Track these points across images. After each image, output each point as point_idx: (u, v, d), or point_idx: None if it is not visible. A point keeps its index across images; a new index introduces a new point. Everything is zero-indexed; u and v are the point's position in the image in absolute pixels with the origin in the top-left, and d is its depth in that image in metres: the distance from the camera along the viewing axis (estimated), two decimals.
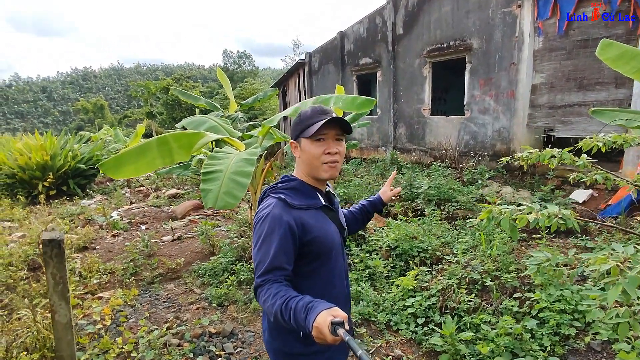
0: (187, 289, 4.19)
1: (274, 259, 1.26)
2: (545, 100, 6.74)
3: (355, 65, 11.63)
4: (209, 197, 2.74)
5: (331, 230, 1.40)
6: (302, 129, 1.34)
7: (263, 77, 61.68)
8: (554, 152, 1.30)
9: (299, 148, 1.38)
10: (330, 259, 1.40)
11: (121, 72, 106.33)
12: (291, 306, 1.15)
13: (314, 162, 1.34)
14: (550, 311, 2.64)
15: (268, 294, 1.24)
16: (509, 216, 1.13)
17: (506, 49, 7.24)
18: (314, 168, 1.36)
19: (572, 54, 6.25)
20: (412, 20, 9.39)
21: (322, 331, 1.02)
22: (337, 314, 1.05)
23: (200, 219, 6.94)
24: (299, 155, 1.38)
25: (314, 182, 1.42)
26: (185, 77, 34.25)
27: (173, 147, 3.31)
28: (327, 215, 1.43)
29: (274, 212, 1.30)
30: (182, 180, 11.55)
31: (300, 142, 1.36)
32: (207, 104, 6.64)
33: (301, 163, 1.40)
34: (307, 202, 1.37)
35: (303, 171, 1.41)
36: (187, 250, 5.27)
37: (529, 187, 6.42)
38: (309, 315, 1.08)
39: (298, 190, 1.39)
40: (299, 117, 1.37)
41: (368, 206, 1.77)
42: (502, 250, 3.45)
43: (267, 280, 1.27)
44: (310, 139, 1.32)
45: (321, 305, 1.09)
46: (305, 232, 1.31)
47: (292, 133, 1.40)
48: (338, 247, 1.44)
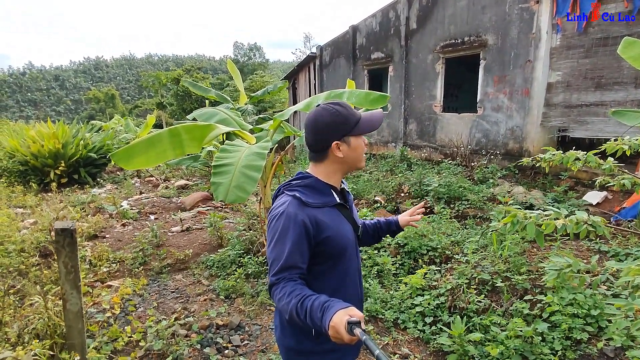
0: (195, 280, 4.22)
1: (289, 257, 1.26)
2: (560, 99, 6.60)
3: (367, 59, 11.52)
4: (219, 191, 2.73)
5: (345, 229, 1.39)
6: (352, 126, 1.34)
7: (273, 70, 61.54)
8: (578, 155, 1.26)
9: (346, 147, 1.35)
10: (345, 258, 1.39)
11: (132, 62, 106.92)
12: (307, 305, 1.15)
13: (361, 155, 1.38)
14: (562, 315, 2.59)
15: (283, 292, 1.23)
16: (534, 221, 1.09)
17: (522, 46, 7.09)
18: (358, 161, 1.39)
19: (591, 52, 6.10)
20: (426, 14, 9.25)
21: (338, 331, 1.02)
22: (353, 313, 1.04)
23: (209, 211, 6.97)
24: (344, 155, 1.35)
25: (336, 180, 1.41)
26: (196, 68, 34.29)
27: (184, 138, 3.30)
28: (341, 213, 1.41)
29: (289, 210, 1.29)
30: (191, 171, 11.61)
31: (349, 140, 1.35)
32: (216, 96, 6.62)
33: (339, 162, 1.37)
34: (322, 200, 1.35)
35: (335, 169, 1.39)
36: (195, 241, 5.30)
37: (541, 188, 6.32)
38: (325, 314, 1.08)
39: (313, 188, 1.37)
40: (340, 115, 1.34)
41: (383, 224, 1.74)
42: (513, 251, 3.40)
43: (282, 278, 1.27)
44: (359, 135, 1.35)
45: (338, 304, 1.09)
46: (319, 230, 1.30)
47: (334, 134, 1.34)
48: (352, 246, 1.42)
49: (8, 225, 5.29)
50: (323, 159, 1.38)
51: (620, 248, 3.61)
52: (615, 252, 3.50)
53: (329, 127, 1.34)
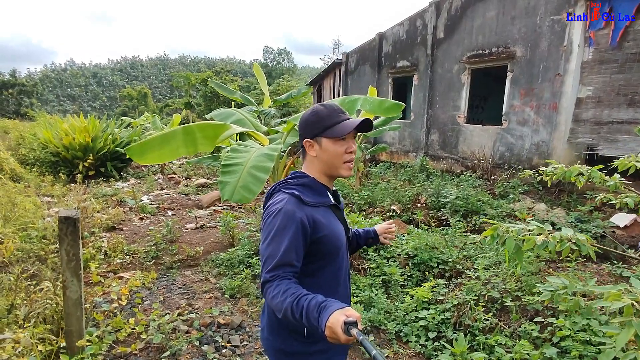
0: (203, 278, 4.26)
1: (284, 255, 1.25)
2: (590, 115, 6.33)
3: (392, 67, 11.45)
4: (226, 190, 2.76)
5: (339, 230, 1.41)
6: (323, 128, 1.33)
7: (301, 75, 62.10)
8: (582, 170, 1.18)
9: (317, 147, 1.36)
10: (337, 257, 1.41)
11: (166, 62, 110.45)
12: (303, 304, 1.14)
13: (335, 161, 1.35)
14: (573, 340, 2.45)
15: (277, 290, 1.22)
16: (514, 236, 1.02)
17: (552, 59, 6.86)
18: (334, 167, 1.37)
19: (625, 67, 5.83)
20: (454, 24, 9.12)
21: (335, 331, 1.02)
22: (350, 313, 1.04)
23: (225, 210, 7.06)
24: (316, 154, 1.37)
25: (325, 180, 1.42)
26: (225, 70, 35.05)
27: (197, 137, 3.37)
28: (335, 214, 1.44)
29: (287, 207, 1.29)
30: (212, 170, 11.82)
31: (320, 141, 1.35)
32: (241, 98, 6.73)
33: (316, 161, 1.39)
34: (319, 200, 1.37)
35: (317, 169, 1.40)
36: (207, 239, 5.36)
37: (565, 206, 6.06)
38: (322, 314, 1.08)
39: (310, 187, 1.38)
40: (316, 115, 1.36)
41: (362, 233, 1.73)
42: (527, 270, 3.26)
43: (276, 276, 1.25)
44: (332, 139, 1.33)
45: (334, 304, 1.09)
46: (316, 229, 1.31)
47: (307, 131, 1.37)
48: (344, 246, 1.45)
49: (33, 213, 5.53)
50: (305, 157, 1.43)
51: None
52: (639, 277, 3.29)
53: (304, 124, 1.38)
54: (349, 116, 1.39)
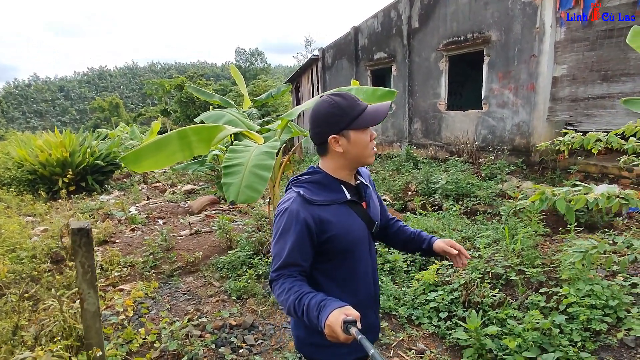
0: (206, 282, 4.22)
1: (289, 255, 1.26)
2: (567, 92, 6.56)
3: (370, 60, 11.53)
4: (230, 191, 2.74)
5: (355, 227, 1.34)
6: (350, 119, 1.26)
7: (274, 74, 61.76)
8: (599, 136, 1.24)
9: (344, 141, 1.28)
10: (352, 256, 1.35)
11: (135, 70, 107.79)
12: (304, 303, 1.16)
13: (364, 151, 1.29)
14: (579, 306, 2.56)
15: (282, 288, 1.24)
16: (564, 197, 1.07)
17: (526, 41, 7.07)
18: (363, 157, 1.31)
19: (596, 44, 6.06)
20: (428, 13, 9.25)
21: (334, 330, 1.03)
22: (349, 312, 1.05)
23: (217, 214, 6.98)
24: (344, 150, 1.28)
25: (345, 175, 1.36)
26: (199, 75, 34.53)
27: (192, 140, 3.32)
28: (353, 210, 1.35)
29: (292, 207, 1.28)
30: (197, 176, 11.65)
31: (348, 134, 1.27)
32: (221, 101, 6.66)
33: (341, 157, 1.31)
34: (329, 197, 1.31)
35: (340, 164, 1.33)
36: (204, 244, 5.31)
37: (550, 182, 6.27)
38: (322, 313, 1.09)
39: (321, 184, 1.33)
40: (338, 107, 1.27)
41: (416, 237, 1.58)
42: (526, 244, 3.37)
43: (282, 275, 1.27)
44: (360, 129, 1.26)
45: (334, 303, 1.10)
46: (323, 229, 1.27)
47: (331, 126, 1.28)
48: (363, 243, 1.38)
49: (19, 233, 5.34)
50: (325, 153, 1.34)
51: (635, 239, 3.57)
52: (629, 242, 3.45)
53: (326, 120, 1.28)
54: (364, 102, 1.32)
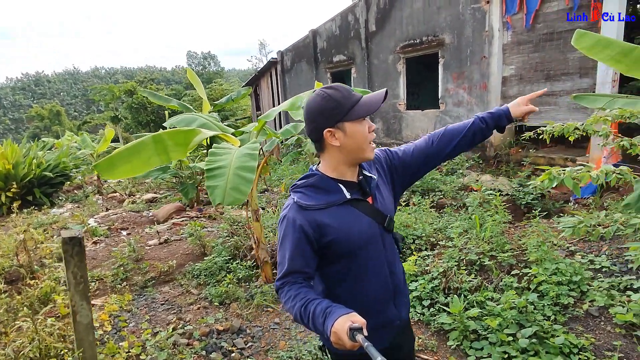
0: (184, 291, 4.11)
1: (291, 263, 1.26)
2: (515, 91, 7.09)
3: (329, 62, 11.72)
4: (216, 194, 2.71)
5: (361, 226, 1.28)
6: (345, 111, 1.21)
7: (229, 78, 60.69)
8: (577, 125, 1.41)
9: (341, 134, 1.23)
10: (359, 256, 1.30)
11: (77, 76, 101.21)
12: (310, 310, 1.15)
13: (362, 144, 1.25)
14: (548, 284, 2.81)
15: (288, 295, 1.24)
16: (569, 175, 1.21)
17: (477, 44, 7.55)
18: (361, 151, 1.26)
19: (539, 46, 6.61)
20: (384, 17, 9.59)
21: (340, 337, 1.02)
22: (355, 319, 1.03)
23: (185, 222, 6.78)
24: (340, 143, 1.24)
25: (343, 172, 1.30)
26: (149, 79, 33.17)
27: (169, 144, 3.23)
28: (356, 209, 1.29)
29: (289, 215, 1.27)
30: (157, 184, 11.20)
31: (344, 127, 1.22)
32: (178, 105, 6.49)
33: (338, 151, 1.26)
34: (326, 200, 1.26)
35: (338, 160, 1.28)
36: (176, 252, 5.15)
37: (505, 175, 6.74)
38: (327, 320, 1.08)
39: (316, 187, 1.29)
40: (331, 100, 1.21)
41: (487, 119, 1.43)
42: (495, 231, 3.63)
43: (286, 282, 1.28)
44: (356, 120, 1.22)
45: (339, 310, 1.09)
46: (322, 234, 1.24)
47: (326, 120, 1.23)
48: (374, 240, 1.31)
49: None
50: (323, 150, 1.30)
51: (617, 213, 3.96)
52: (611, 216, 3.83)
53: (320, 114, 1.23)
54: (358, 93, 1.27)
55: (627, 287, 2.70)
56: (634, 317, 2.33)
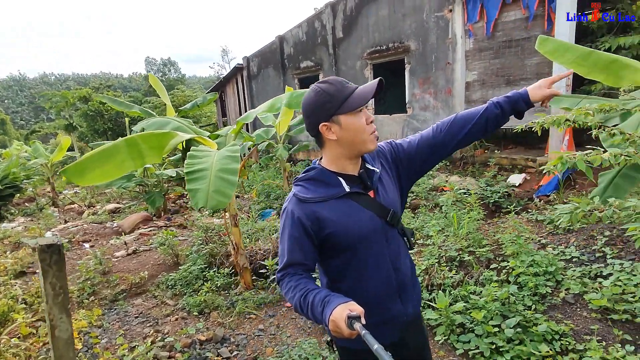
0: (159, 302, 3.92)
1: (290, 255, 1.27)
2: (478, 95, 7.42)
3: (297, 68, 11.75)
4: (198, 197, 2.61)
5: (360, 220, 1.26)
6: (339, 103, 1.19)
7: (190, 85, 59.24)
8: (568, 117, 1.49)
9: (336, 127, 1.22)
10: (362, 250, 1.28)
11: (24, 83, 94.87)
12: (309, 299, 1.16)
13: (361, 136, 1.23)
14: (525, 275, 2.93)
15: (288, 286, 1.25)
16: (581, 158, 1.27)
17: (441, 50, 7.85)
18: (361, 143, 1.24)
19: (499, 53, 6.98)
20: (351, 23, 9.76)
21: (338, 325, 1.02)
22: (353, 308, 1.04)
23: (152, 231, 6.50)
24: (337, 137, 1.22)
25: (344, 166, 1.29)
26: (105, 86, 31.72)
27: (143, 148, 3.10)
28: (357, 202, 1.27)
29: (288, 207, 1.29)
30: (118, 193, 10.68)
31: (339, 120, 1.21)
32: (141, 112, 6.23)
33: (337, 145, 1.25)
34: (325, 193, 1.26)
35: (337, 154, 1.27)
36: (147, 263, 4.91)
37: (472, 175, 7.01)
38: (326, 308, 1.09)
39: (317, 180, 1.29)
40: (325, 93, 1.21)
41: (503, 103, 1.35)
42: (471, 228, 3.75)
43: (287, 274, 1.28)
44: (351, 112, 1.20)
45: (337, 299, 1.09)
46: (320, 227, 1.24)
47: (321, 114, 1.22)
48: (376, 235, 1.29)
49: None
50: (322, 145, 1.29)
51: (551, 214, 4.18)
52: (550, 218, 4.04)
53: (315, 109, 1.23)
54: (354, 85, 1.25)
55: (597, 275, 2.87)
56: (607, 302, 2.48)
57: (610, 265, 2.88)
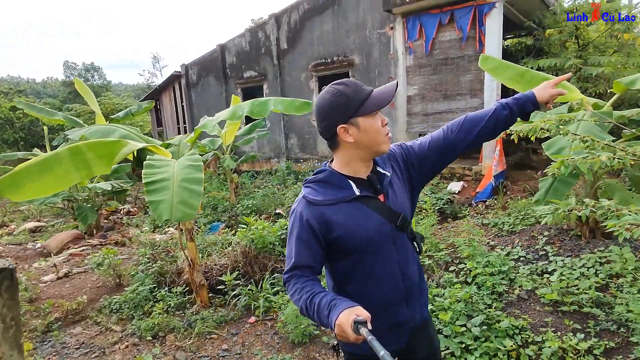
0: (103, 329, 3.52)
1: (297, 257, 1.26)
2: (419, 109, 7.88)
3: (240, 78, 11.54)
4: (161, 209, 2.41)
5: (366, 225, 1.25)
6: (357, 106, 1.20)
7: (115, 92, 55.29)
8: (541, 125, 1.63)
9: (354, 130, 1.22)
10: (371, 254, 1.28)
11: None
12: (315, 302, 1.15)
13: (378, 137, 1.23)
14: (483, 275, 3.12)
15: (294, 288, 1.24)
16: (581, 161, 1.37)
17: (384, 65, 8.24)
18: (376, 144, 1.24)
19: (437, 70, 7.50)
20: (295, 36, 9.85)
21: (344, 329, 1.01)
22: (359, 312, 1.03)
23: (85, 251, 5.87)
24: (354, 139, 1.22)
25: (356, 169, 1.29)
26: (16, 90, 28.40)
27: (89, 157, 2.81)
28: (366, 206, 1.27)
29: (297, 209, 1.29)
30: (38, 210, 9.50)
31: (357, 122, 1.21)
32: (65, 119, 5.70)
33: (353, 147, 1.25)
34: (335, 196, 1.26)
35: (351, 156, 1.27)
36: (83, 287, 4.41)
37: None
38: (332, 313, 1.08)
39: (327, 183, 1.29)
40: (343, 95, 1.21)
41: (512, 105, 1.36)
42: (428, 233, 3.92)
43: (293, 275, 1.28)
44: (368, 115, 1.21)
45: (344, 303, 1.08)
46: (328, 230, 1.24)
47: (338, 116, 1.22)
48: (384, 239, 1.28)
49: None
50: (337, 147, 1.29)
51: (494, 218, 4.54)
52: (494, 222, 4.38)
53: (332, 111, 1.23)
54: (368, 87, 1.26)
55: (544, 271, 3.15)
56: (557, 295, 2.72)
57: (553, 262, 3.18)
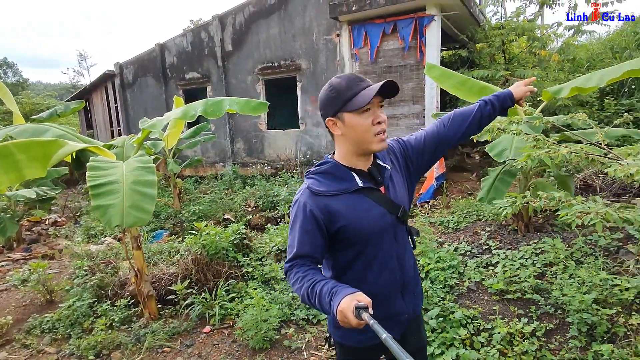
0: (33, 352, 3.15)
1: (299, 246, 1.28)
2: None
3: (181, 79, 11.06)
4: (111, 214, 2.22)
5: (371, 215, 1.28)
6: (343, 102, 1.22)
7: (34, 91, 50.06)
8: (498, 125, 1.77)
9: (340, 124, 1.25)
10: (372, 245, 1.30)
11: None
12: (317, 290, 1.17)
13: (364, 135, 1.24)
14: (435, 270, 3.29)
15: (296, 277, 1.26)
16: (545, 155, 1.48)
17: (331, 70, 8.39)
18: (364, 142, 1.26)
19: (381, 77, 7.79)
20: (240, 38, 9.68)
21: (346, 315, 1.04)
22: (361, 298, 1.06)
23: (5, 267, 5.21)
24: (342, 133, 1.26)
25: (355, 161, 1.31)
26: None
27: (20, 159, 2.52)
28: (368, 198, 1.29)
29: (300, 199, 1.30)
30: None
31: (343, 117, 1.24)
32: None
33: (344, 141, 1.29)
34: (338, 187, 1.28)
35: (346, 149, 1.31)
36: (6, 306, 3.91)
37: None
38: (334, 299, 1.10)
39: (330, 174, 1.31)
40: (334, 89, 1.24)
41: (494, 101, 1.48)
42: None
43: (295, 264, 1.29)
44: (355, 111, 1.22)
45: (345, 290, 1.11)
46: (332, 220, 1.26)
47: (328, 109, 1.26)
48: (385, 231, 1.31)
49: None
50: (333, 139, 1.34)
51: (440, 217, 4.81)
52: (440, 221, 4.64)
53: (324, 103, 1.29)
54: (370, 82, 1.26)
55: (488, 264, 3.39)
56: (503, 285, 2.95)
57: (496, 254, 3.44)
